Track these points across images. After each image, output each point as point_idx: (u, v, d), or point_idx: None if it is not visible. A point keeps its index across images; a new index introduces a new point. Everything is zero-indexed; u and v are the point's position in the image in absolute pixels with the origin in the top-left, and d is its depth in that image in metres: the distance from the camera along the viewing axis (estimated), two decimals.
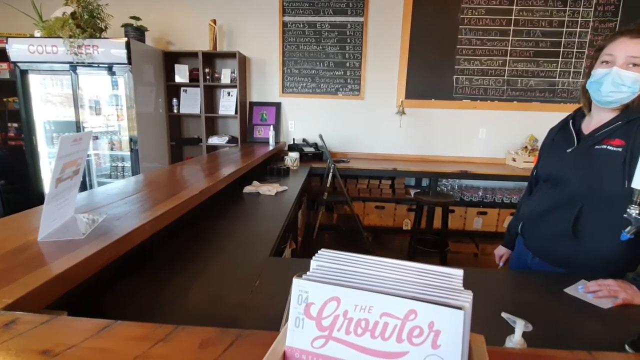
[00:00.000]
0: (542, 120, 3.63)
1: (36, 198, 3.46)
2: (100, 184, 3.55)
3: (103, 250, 0.83)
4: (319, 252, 0.39)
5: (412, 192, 3.58)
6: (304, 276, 0.34)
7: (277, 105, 3.96)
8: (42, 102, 3.39)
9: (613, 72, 1.04)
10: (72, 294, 0.74)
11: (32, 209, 1.10)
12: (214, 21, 3.67)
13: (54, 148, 3.49)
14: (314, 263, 0.37)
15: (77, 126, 3.31)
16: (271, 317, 0.86)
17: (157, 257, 1.19)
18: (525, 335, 0.60)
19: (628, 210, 0.82)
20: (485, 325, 0.52)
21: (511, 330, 0.61)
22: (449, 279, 0.34)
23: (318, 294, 0.33)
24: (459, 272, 0.34)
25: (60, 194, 0.91)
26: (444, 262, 3.11)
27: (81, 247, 0.81)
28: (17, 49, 3.11)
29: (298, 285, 0.34)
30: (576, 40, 3.54)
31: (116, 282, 1.01)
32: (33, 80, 3.29)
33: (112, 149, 3.56)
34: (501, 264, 1.55)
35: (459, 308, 0.29)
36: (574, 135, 1.18)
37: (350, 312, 0.33)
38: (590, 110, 1.19)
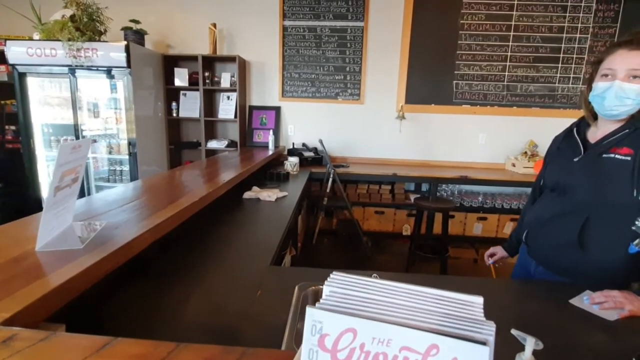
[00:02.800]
0: (541, 126, 3.63)
1: (33, 202, 3.43)
2: (98, 187, 3.52)
3: (102, 260, 0.81)
4: (331, 275, 0.37)
5: (412, 197, 3.57)
6: (317, 305, 0.32)
7: (277, 110, 3.95)
8: (40, 104, 3.36)
9: (615, 86, 1.03)
10: (69, 305, 0.72)
11: (29, 217, 1.08)
12: (214, 25, 3.66)
13: (52, 151, 3.46)
14: (326, 289, 0.35)
15: (75, 129, 3.28)
16: (273, 327, 0.85)
17: (156, 266, 1.17)
18: (535, 352, 0.59)
19: (636, 222, 0.81)
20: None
21: (519, 345, 0.59)
22: (468, 308, 0.32)
23: (333, 325, 0.32)
24: (478, 300, 0.33)
25: (59, 202, 0.90)
26: (443, 268, 3.10)
27: (80, 258, 0.80)
28: (15, 52, 3.09)
29: (312, 315, 0.32)
30: (576, 46, 3.55)
31: (115, 291, 0.99)
32: (31, 82, 3.27)
33: (110, 153, 3.53)
34: (490, 261, 1.51)
35: (483, 343, 0.27)
36: (580, 143, 1.18)
37: (368, 345, 0.31)
38: (594, 120, 1.18)
